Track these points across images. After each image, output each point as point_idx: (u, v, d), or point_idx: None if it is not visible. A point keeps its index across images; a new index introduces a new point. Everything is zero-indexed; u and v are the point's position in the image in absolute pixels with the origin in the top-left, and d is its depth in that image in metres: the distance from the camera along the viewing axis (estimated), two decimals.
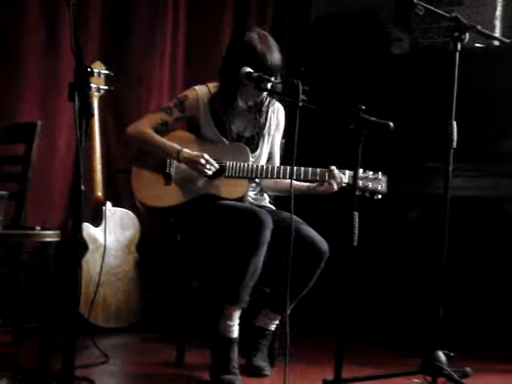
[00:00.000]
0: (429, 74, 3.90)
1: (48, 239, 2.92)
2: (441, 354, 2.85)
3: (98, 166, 3.79)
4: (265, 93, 3.08)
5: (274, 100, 3.18)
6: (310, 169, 3.01)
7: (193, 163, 3.00)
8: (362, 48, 4.20)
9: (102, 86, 3.83)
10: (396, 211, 3.93)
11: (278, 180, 3.12)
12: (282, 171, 3.03)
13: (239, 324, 2.96)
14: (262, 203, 3.23)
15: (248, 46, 3.01)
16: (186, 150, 3.02)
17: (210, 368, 2.93)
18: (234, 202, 3.03)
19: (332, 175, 2.98)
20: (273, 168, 3.04)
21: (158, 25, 4.24)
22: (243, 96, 3.10)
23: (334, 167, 2.99)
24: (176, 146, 3.03)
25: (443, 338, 2.89)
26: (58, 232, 2.98)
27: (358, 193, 2.80)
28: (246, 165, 3.03)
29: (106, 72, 3.84)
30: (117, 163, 4.06)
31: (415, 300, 3.73)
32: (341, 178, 2.98)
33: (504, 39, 3.27)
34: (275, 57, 3.02)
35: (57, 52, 3.84)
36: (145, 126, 3.09)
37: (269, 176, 3.04)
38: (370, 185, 3.00)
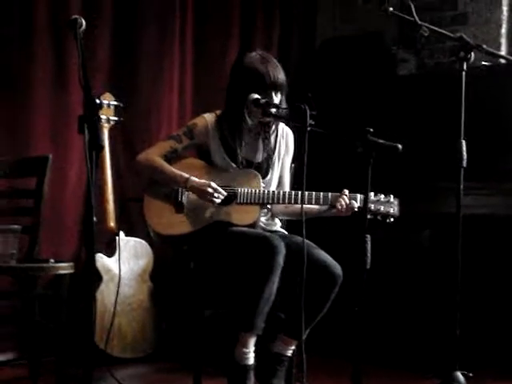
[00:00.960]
0: (436, 93, 3.90)
1: (62, 271, 2.94)
2: (459, 375, 2.83)
3: (109, 197, 3.81)
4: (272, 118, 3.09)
5: (281, 124, 3.19)
6: (322, 193, 3.01)
7: (200, 192, 3.00)
8: (369, 70, 4.22)
9: (111, 117, 3.86)
10: (408, 231, 3.92)
11: (289, 205, 3.12)
12: (293, 196, 3.03)
13: (256, 350, 2.95)
14: (274, 228, 3.22)
15: (249, 67, 3.04)
16: (194, 179, 3.02)
17: None
18: (245, 229, 3.03)
19: (344, 200, 2.98)
20: (284, 193, 3.04)
21: (166, 54, 4.28)
22: (250, 119, 3.11)
23: (346, 191, 2.98)
24: (184, 174, 3.04)
25: (461, 358, 2.86)
26: (71, 264, 3.00)
27: (369, 216, 2.80)
28: (257, 191, 3.03)
29: (116, 103, 3.87)
30: (129, 192, 4.08)
31: (431, 320, 3.70)
32: (352, 202, 2.98)
33: (510, 57, 3.28)
34: (277, 75, 3.02)
35: (66, 85, 3.89)
36: (154, 154, 3.10)
37: (280, 201, 3.04)
38: (382, 208, 2.98)
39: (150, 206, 3.13)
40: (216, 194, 2.99)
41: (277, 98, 3.03)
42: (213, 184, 2.99)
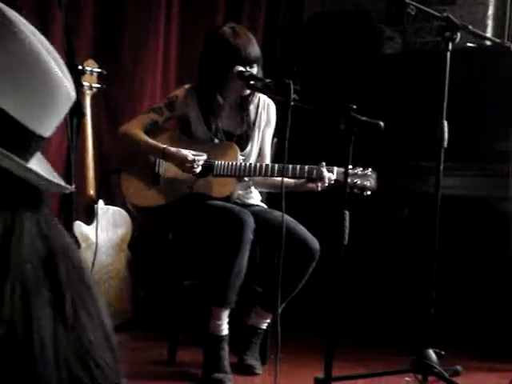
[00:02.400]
0: (420, 73, 3.91)
1: None
2: (431, 353, 2.86)
3: (90, 164, 3.78)
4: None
5: (262, 96, 3.18)
6: (299, 166, 2.99)
7: (179, 161, 3.00)
8: (354, 47, 4.21)
9: (94, 84, 3.82)
10: (388, 209, 3.94)
11: (268, 177, 3.11)
12: (270, 169, 3.02)
13: (230, 322, 2.97)
14: (252, 202, 3.23)
15: (221, 40, 3.03)
16: (172, 149, 3.02)
17: (203, 367, 2.94)
18: (217, 202, 3.02)
19: (320, 172, 2.96)
20: (261, 166, 3.04)
21: (151, 23, 4.24)
22: (226, 92, 3.10)
23: (323, 163, 2.96)
24: (161, 145, 3.04)
25: (434, 337, 2.90)
26: None
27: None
28: (234, 163, 3.03)
29: (99, 70, 3.83)
30: (110, 161, 4.05)
31: (406, 298, 3.74)
32: (329, 175, 2.96)
33: (495, 39, 3.28)
34: (250, 48, 3.01)
35: None
36: (134, 126, 3.12)
37: (257, 174, 3.04)
38: (359, 181, 2.95)
39: (126, 178, 3.14)
40: (195, 164, 2.99)
41: (252, 71, 3.01)
42: (190, 155, 2.99)
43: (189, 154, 2.99)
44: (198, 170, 3.01)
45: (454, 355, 3.14)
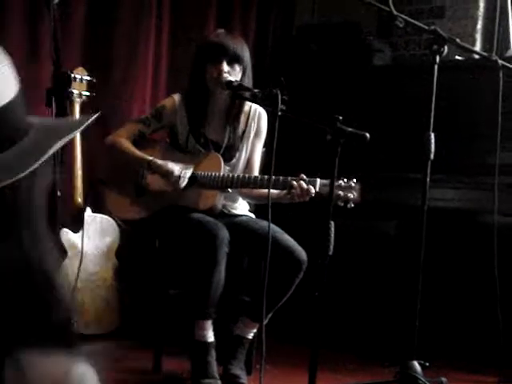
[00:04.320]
0: (409, 85, 3.93)
1: None
2: (416, 364, 2.86)
3: (78, 172, 3.78)
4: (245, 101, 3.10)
5: (254, 105, 3.18)
6: (281, 177, 2.91)
7: (164, 174, 3.01)
8: (344, 59, 4.23)
9: (83, 92, 3.82)
10: (375, 220, 3.95)
11: (252, 188, 3.09)
12: (252, 180, 3.01)
13: (216, 332, 2.97)
14: (239, 212, 3.23)
15: (205, 43, 3.08)
16: (158, 161, 3.02)
17: (191, 374, 2.95)
18: (194, 215, 3.00)
19: (299, 184, 2.89)
20: (244, 177, 3.02)
21: (142, 31, 4.25)
22: (214, 102, 3.11)
23: (303, 175, 2.91)
24: (147, 157, 3.05)
25: (419, 348, 2.90)
26: None
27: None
28: (216, 174, 3.02)
29: (89, 78, 3.83)
30: (98, 169, 4.05)
31: (391, 310, 3.74)
32: (309, 187, 2.88)
33: (482, 53, 3.30)
34: (230, 43, 3.02)
35: (38, 58, 3.84)
36: (121, 136, 3.13)
37: (239, 186, 3.03)
38: (342, 193, 2.87)
39: (110, 190, 3.16)
40: (181, 179, 2.99)
41: (228, 68, 3.00)
42: (176, 170, 2.99)
43: (175, 168, 2.99)
44: (183, 184, 3.01)
45: (438, 367, 3.15)
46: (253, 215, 3.27)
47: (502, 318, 2.90)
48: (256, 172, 3.20)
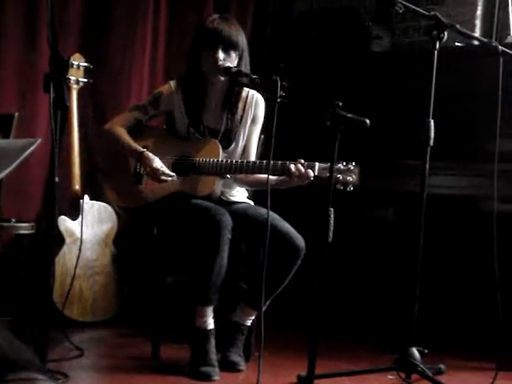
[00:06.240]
0: (408, 71, 3.91)
1: (22, 231, 2.92)
2: (415, 351, 2.86)
3: (75, 159, 3.77)
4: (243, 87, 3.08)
5: (251, 91, 3.16)
6: (279, 162, 2.89)
7: (150, 170, 3.00)
8: (343, 45, 4.20)
9: (81, 79, 3.80)
10: (373, 207, 3.94)
11: (249, 174, 3.08)
12: (251, 166, 3.00)
13: (215, 317, 2.98)
14: (238, 199, 3.22)
15: (200, 29, 3.06)
16: (149, 155, 3.01)
17: (190, 361, 2.95)
18: (196, 202, 3.00)
19: (298, 167, 2.87)
20: (242, 163, 3.01)
21: (139, 17, 4.22)
22: (212, 88, 3.09)
23: (301, 160, 2.89)
24: (139, 148, 3.03)
25: (418, 335, 2.90)
26: (32, 224, 2.97)
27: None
28: (215, 160, 3.01)
29: (86, 64, 3.81)
30: (97, 156, 4.03)
31: (390, 297, 3.74)
32: (307, 171, 2.86)
33: (482, 38, 3.28)
34: (226, 29, 3.00)
35: (36, 44, 3.82)
36: (118, 124, 3.12)
37: (238, 171, 3.01)
38: (341, 176, 2.83)
39: (108, 178, 3.14)
40: (163, 177, 2.98)
41: (224, 55, 2.99)
42: (160, 170, 2.98)
43: (160, 169, 2.98)
44: (169, 179, 2.99)
45: (437, 354, 3.15)
46: (252, 202, 3.26)
47: (501, 306, 2.90)
48: (253, 158, 3.18)
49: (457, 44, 3.76)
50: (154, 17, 4.29)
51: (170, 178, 3.00)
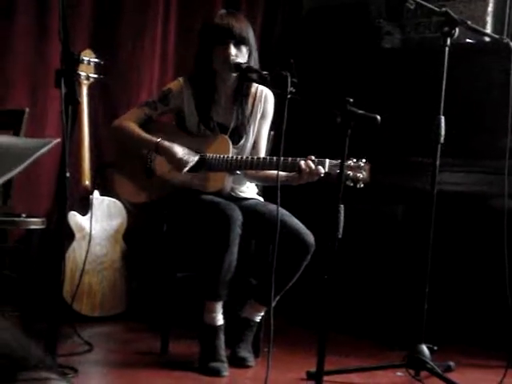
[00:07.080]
0: (419, 68, 3.90)
1: (33, 226, 2.92)
2: (424, 348, 2.86)
3: (86, 155, 3.77)
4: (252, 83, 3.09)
5: (260, 87, 3.16)
6: (290, 158, 2.89)
7: (169, 156, 3.00)
8: (353, 41, 4.20)
9: (91, 75, 3.81)
10: (382, 204, 3.93)
11: (259, 170, 3.08)
12: (261, 162, 3.00)
13: (224, 313, 2.98)
14: (248, 195, 3.22)
15: (209, 25, 3.06)
16: (166, 143, 3.01)
17: (199, 357, 2.96)
18: (206, 197, 3.00)
19: (308, 164, 2.87)
20: (252, 159, 3.01)
21: (150, 14, 4.23)
22: (221, 84, 3.09)
23: (312, 157, 2.89)
24: (154, 138, 3.03)
25: (427, 332, 2.89)
26: (43, 220, 2.98)
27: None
28: (225, 157, 3.01)
29: (96, 60, 3.82)
30: (106, 152, 4.04)
31: (400, 293, 3.73)
32: (318, 168, 2.86)
33: (493, 35, 3.27)
34: (234, 25, 2.99)
35: (47, 39, 3.83)
36: (128, 120, 3.12)
37: (248, 167, 3.01)
38: (352, 173, 2.84)
39: (118, 173, 3.15)
40: (184, 162, 2.98)
41: (235, 50, 2.99)
42: (180, 153, 2.98)
43: (180, 151, 2.98)
44: (186, 169, 2.99)
45: (446, 351, 3.15)
46: (261, 198, 3.26)
47: (511, 303, 2.89)
48: (262, 154, 3.18)
49: (468, 40, 3.75)
50: (165, 13, 4.29)
51: (193, 159, 2.98)
